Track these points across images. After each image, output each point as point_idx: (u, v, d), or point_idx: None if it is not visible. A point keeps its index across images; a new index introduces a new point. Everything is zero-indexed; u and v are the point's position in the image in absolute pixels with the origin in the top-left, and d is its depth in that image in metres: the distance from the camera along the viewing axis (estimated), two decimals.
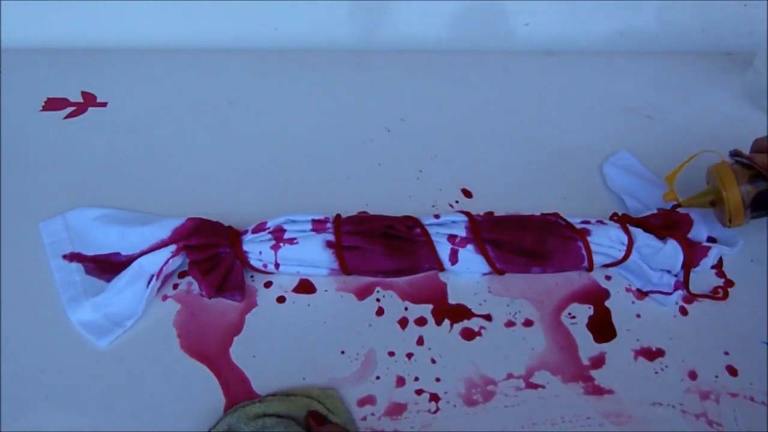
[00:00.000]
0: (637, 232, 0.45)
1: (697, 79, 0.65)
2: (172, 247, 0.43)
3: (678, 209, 0.47)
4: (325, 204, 0.47)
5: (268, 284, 0.44)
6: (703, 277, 0.45)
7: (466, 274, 0.45)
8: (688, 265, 0.44)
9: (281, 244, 0.43)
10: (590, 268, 0.45)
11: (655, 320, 0.43)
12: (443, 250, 0.44)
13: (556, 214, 0.47)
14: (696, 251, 0.45)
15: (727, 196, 0.44)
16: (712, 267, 0.46)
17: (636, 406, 0.38)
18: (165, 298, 0.43)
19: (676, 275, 0.44)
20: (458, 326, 0.42)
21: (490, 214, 0.48)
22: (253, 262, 0.44)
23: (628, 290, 0.45)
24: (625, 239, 0.44)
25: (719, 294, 0.44)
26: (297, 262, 0.44)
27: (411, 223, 0.45)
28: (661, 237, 0.45)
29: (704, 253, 0.45)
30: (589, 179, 0.53)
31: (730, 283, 0.45)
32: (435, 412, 0.38)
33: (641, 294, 0.44)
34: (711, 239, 0.47)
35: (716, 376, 0.40)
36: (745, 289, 0.45)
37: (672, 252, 0.44)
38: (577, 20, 0.69)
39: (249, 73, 0.64)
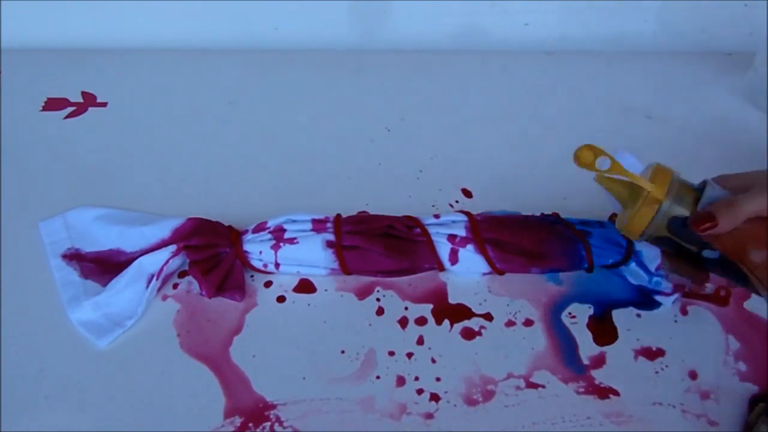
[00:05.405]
0: None
1: (697, 79, 0.65)
2: (173, 247, 0.43)
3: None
4: (325, 204, 0.47)
5: (268, 284, 0.44)
6: None
7: (466, 273, 0.45)
8: None
9: (281, 244, 0.43)
10: (590, 269, 0.45)
11: (655, 320, 0.43)
12: (443, 249, 0.44)
13: (556, 214, 0.47)
14: None
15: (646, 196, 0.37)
16: None
17: (636, 406, 0.38)
18: (165, 298, 0.43)
19: None
20: (458, 326, 0.42)
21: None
22: (253, 262, 0.44)
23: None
24: (624, 242, 0.44)
25: (722, 294, 0.44)
26: (297, 262, 0.44)
27: (411, 222, 0.45)
28: None
29: None
30: (589, 179, 0.53)
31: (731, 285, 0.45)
32: (435, 411, 0.38)
33: (642, 294, 0.44)
34: None
35: (717, 376, 0.40)
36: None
37: None
38: (577, 20, 0.69)
39: (249, 73, 0.64)
